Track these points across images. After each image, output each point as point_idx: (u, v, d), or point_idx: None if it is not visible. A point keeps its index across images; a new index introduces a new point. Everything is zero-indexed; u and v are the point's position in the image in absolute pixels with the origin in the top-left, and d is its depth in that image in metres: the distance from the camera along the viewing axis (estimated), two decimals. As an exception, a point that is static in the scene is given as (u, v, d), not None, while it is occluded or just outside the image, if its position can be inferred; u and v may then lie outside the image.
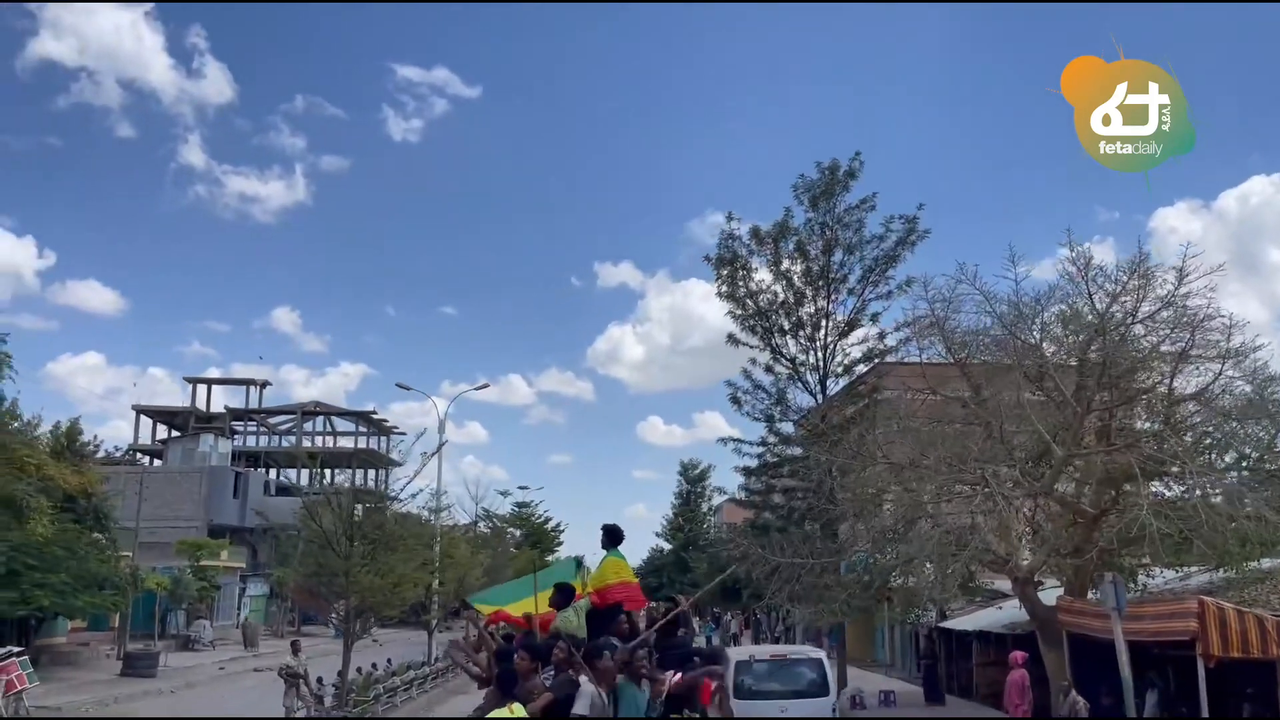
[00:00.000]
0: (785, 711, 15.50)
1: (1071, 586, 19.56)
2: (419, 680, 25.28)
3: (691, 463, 72.09)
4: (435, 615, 29.75)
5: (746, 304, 25.24)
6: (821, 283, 24.88)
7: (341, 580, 19.23)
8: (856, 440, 22.36)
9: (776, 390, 25.09)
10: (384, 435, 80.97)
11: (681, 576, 63.61)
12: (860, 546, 23.05)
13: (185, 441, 64.59)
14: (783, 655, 16.98)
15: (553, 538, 64.66)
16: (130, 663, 31.65)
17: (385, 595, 19.40)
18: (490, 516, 55.70)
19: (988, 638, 24.89)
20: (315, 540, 19.93)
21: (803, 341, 25.16)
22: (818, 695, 15.83)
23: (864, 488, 21.08)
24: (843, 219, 24.98)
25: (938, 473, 18.90)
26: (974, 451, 18.56)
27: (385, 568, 19.47)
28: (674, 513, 71.08)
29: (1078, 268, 17.90)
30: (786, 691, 15.90)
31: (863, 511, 22.28)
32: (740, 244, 25.46)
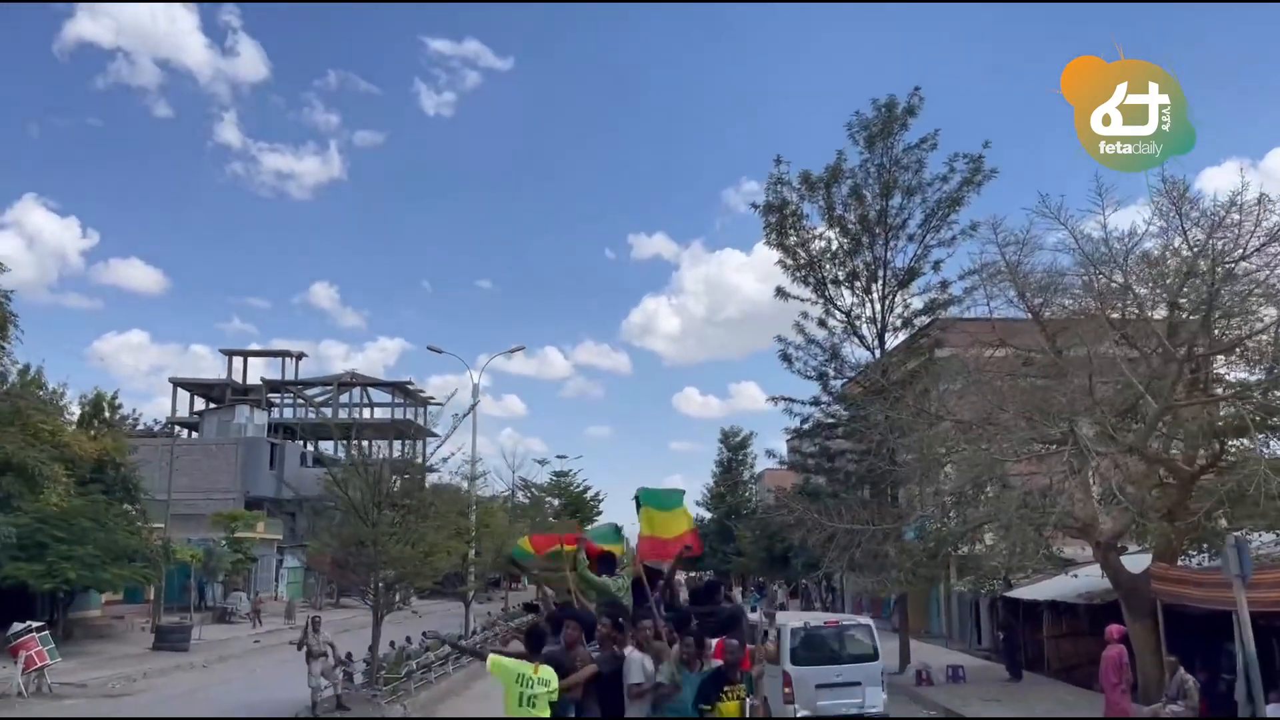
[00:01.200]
0: (840, 676, 16.02)
1: (1161, 552, 17.88)
2: (455, 655, 24.04)
3: (733, 430, 70.53)
4: (472, 586, 28.52)
5: (797, 254, 23.54)
6: (879, 229, 23.11)
7: (371, 550, 17.97)
8: (919, 396, 20.71)
9: (831, 345, 23.39)
10: (420, 406, 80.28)
11: (725, 545, 62.25)
12: (924, 511, 21.44)
13: (221, 413, 64.10)
14: (835, 622, 17.37)
15: (592, 506, 63.49)
16: (162, 636, 30.86)
17: (416, 565, 18.12)
18: (528, 486, 54.58)
19: (1060, 608, 23.21)
20: (343, 509, 18.67)
21: (858, 293, 23.44)
22: (869, 661, 16.42)
23: (929, 447, 19.45)
24: (901, 160, 23.15)
25: (1013, 430, 17.23)
26: (1057, 405, 16.83)
27: (416, 536, 18.17)
28: (715, 481, 69.64)
29: (1171, 200, 15.95)
30: (842, 656, 16.41)
31: (927, 473, 20.66)
32: (790, 189, 23.70)
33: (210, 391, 72.54)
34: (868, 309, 23.39)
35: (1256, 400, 15.63)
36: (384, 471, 18.52)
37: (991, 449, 18.03)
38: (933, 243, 22.93)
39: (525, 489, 53.64)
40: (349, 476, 18.49)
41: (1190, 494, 16.95)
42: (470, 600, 28.52)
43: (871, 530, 19.75)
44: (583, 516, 59.93)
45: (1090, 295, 17.42)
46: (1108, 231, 16.36)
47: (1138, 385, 16.18)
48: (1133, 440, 16.13)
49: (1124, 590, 17.95)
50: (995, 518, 18.91)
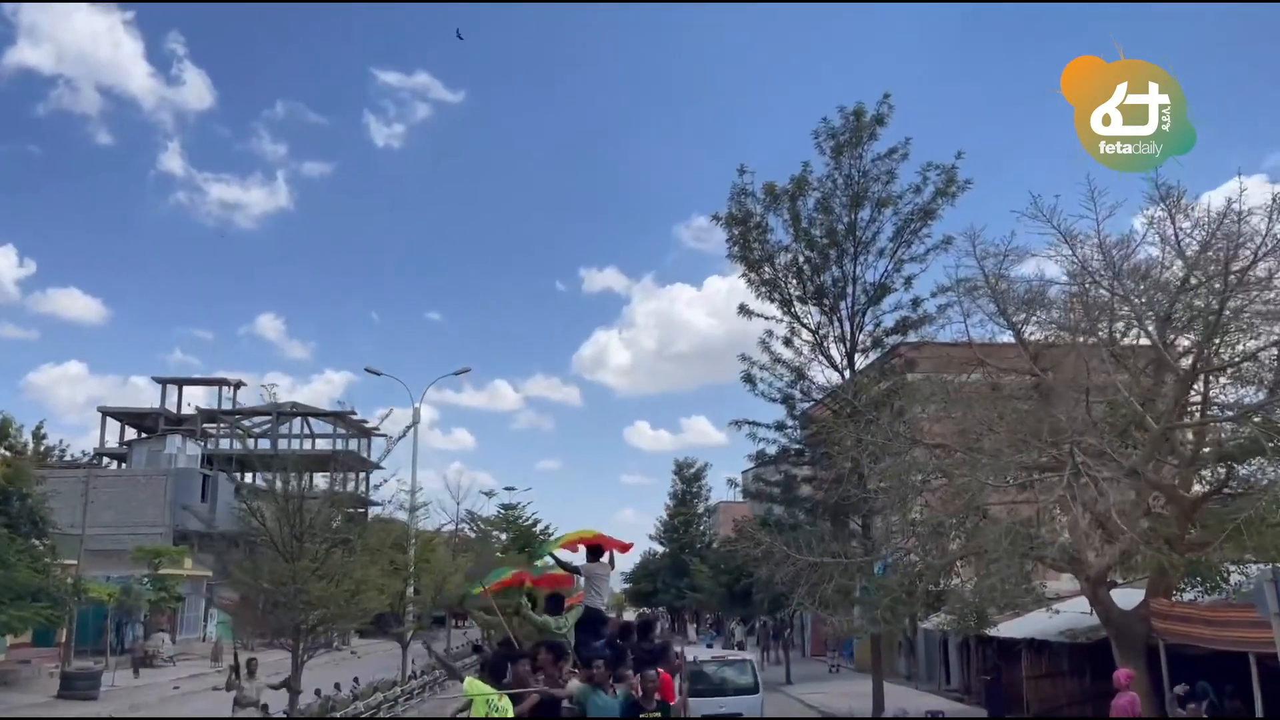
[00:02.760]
0: (723, 708, 18.05)
1: (1155, 587, 16.55)
2: (390, 702, 21.93)
3: (686, 461, 68.85)
4: (411, 626, 26.36)
5: (762, 269, 22.07)
6: (848, 242, 21.74)
7: (289, 588, 15.97)
8: (893, 419, 19.30)
9: (797, 365, 21.91)
10: (364, 437, 77.84)
11: (678, 581, 60.35)
12: (899, 543, 19.91)
13: (151, 443, 60.92)
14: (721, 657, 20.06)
15: (541, 541, 61.17)
16: (68, 683, 28.24)
17: (341, 605, 16.12)
18: (474, 519, 52.31)
19: (1039, 647, 21.80)
20: (259, 541, 16.67)
21: (826, 311, 22.01)
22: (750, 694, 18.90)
23: (905, 474, 17.97)
24: (870, 171, 21.84)
25: (1000, 455, 15.83)
26: (1050, 427, 15.45)
27: (341, 572, 16.21)
28: (669, 514, 67.81)
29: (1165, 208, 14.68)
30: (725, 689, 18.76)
31: (902, 502, 19.17)
32: (754, 200, 22.27)
33: (142, 421, 69.30)
34: (836, 328, 21.98)
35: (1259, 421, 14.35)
36: (304, 500, 16.56)
37: (974, 476, 16.60)
38: (905, 257, 21.65)
39: (471, 522, 51.32)
40: (265, 506, 16.51)
41: (1190, 523, 15.67)
42: (409, 641, 26.33)
43: (844, 564, 18.21)
44: (532, 551, 57.70)
45: (1079, 307, 16.19)
46: (1101, 237, 15.10)
47: (1135, 405, 14.88)
48: (1134, 463, 14.77)
49: (1115, 628, 16.56)
50: (977, 551, 17.52)
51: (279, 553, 16.06)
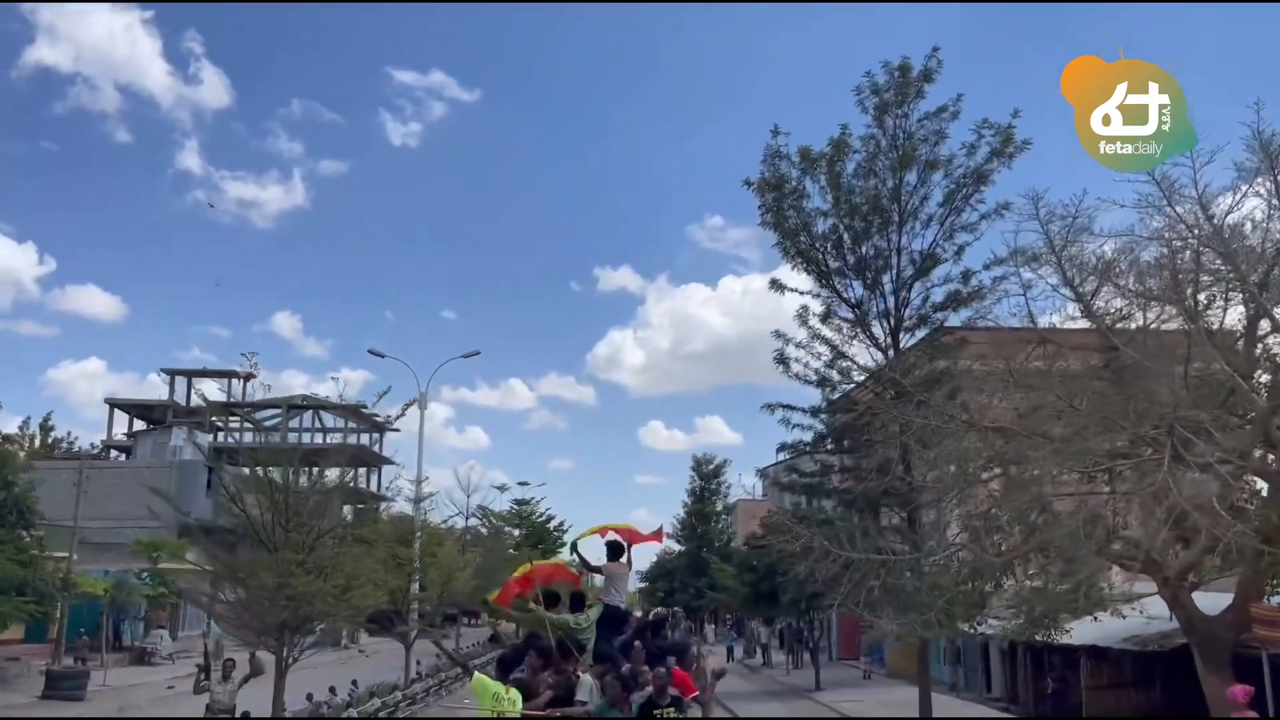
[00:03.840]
0: None
1: (1246, 588, 14.60)
2: (389, 708, 20.15)
3: (705, 458, 67.12)
4: (416, 625, 24.55)
5: (798, 238, 20.16)
6: (892, 209, 19.82)
7: (270, 582, 14.19)
8: (946, 399, 17.38)
9: (837, 343, 20.00)
10: (376, 431, 76.40)
11: (695, 580, 58.49)
12: (950, 538, 17.96)
13: (156, 435, 59.55)
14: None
15: (555, 537, 59.39)
16: (53, 683, 26.57)
17: (329, 601, 14.31)
18: (487, 514, 50.53)
19: (1100, 655, 19.84)
20: (240, 531, 14.91)
21: (868, 284, 20.10)
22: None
23: (962, 461, 16.03)
24: (917, 132, 19.91)
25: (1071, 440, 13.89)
26: (1136, 408, 13.50)
27: (330, 565, 14.43)
28: (686, 512, 65.97)
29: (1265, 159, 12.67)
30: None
31: (959, 493, 17.23)
32: (789, 164, 20.36)
33: (150, 413, 67.92)
34: (879, 303, 20.07)
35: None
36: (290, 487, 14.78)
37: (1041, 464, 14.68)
38: (956, 226, 19.69)
39: (483, 518, 49.55)
40: (247, 491, 14.76)
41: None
42: (413, 640, 24.52)
43: (892, 561, 16.31)
44: (545, 548, 55.93)
45: (1166, 272, 14.22)
46: (1200, 189, 13.10)
47: (1239, 380, 12.91)
48: (1236, 446, 12.79)
49: (1199, 636, 14.60)
50: (1042, 547, 15.58)
51: (261, 543, 14.30)
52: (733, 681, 33.66)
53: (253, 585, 14.27)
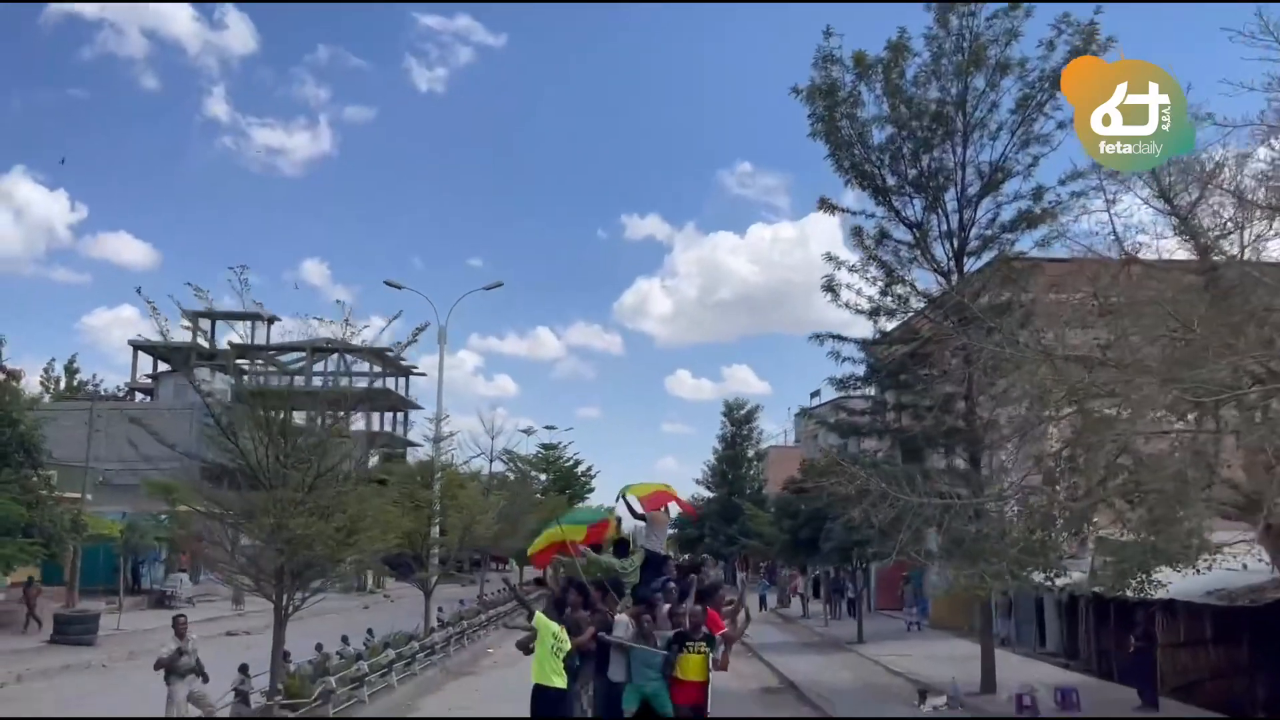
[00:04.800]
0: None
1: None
2: (405, 659, 18.81)
3: (737, 402, 65.44)
4: (435, 571, 23.18)
5: (852, 150, 18.19)
6: (957, 117, 17.77)
7: (269, 523, 12.70)
8: (1020, 325, 15.56)
9: (894, 264, 18.10)
10: (403, 376, 75.50)
11: (726, 527, 57.18)
12: (1017, 478, 16.17)
13: (178, 377, 58.61)
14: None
15: (583, 483, 58.12)
16: (61, 627, 25.58)
17: (330, 546, 12.81)
18: (513, 459, 49.28)
19: (1178, 610, 18.08)
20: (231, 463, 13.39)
21: (928, 199, 18.13)
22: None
23: (1038, 394, 14.20)
24: (985, 32, 17.76)
25: (1187, 366, 12.03)
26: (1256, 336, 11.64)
27: (332, 504, 12.91)
28: (716, 459, 64.50)
29: None
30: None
31: (1031, 430, 15.42)
32: (842, 69, 18.30)
33: (173, 355, 67.13)
34: (940, 223, 18.11)
35: None
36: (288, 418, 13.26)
37: (1130, 398, 12.89)
38: (1029, 135, 17.60)
39: (508, 461, 48.31)
40: (241, 421, 13.24)
41: None
42: (432, 587, 23.19)
43: (958, 505, 14.64)
44: (573, 493, 54.73)
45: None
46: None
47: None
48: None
49: (1309, 591, 12.85)
50: (1128, 491, 13.81)
51: (256, 478, 12.81)
52: (768, 632, 32.30)
53: (247, 527, 12.82)
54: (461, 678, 20.68)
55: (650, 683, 9.60)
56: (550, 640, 9.44)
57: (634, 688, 9.69)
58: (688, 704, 9.54)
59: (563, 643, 9.47)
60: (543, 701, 9.48)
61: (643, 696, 9.64)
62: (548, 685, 9.44)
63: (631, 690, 9.69)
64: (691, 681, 9.55)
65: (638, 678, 9.66)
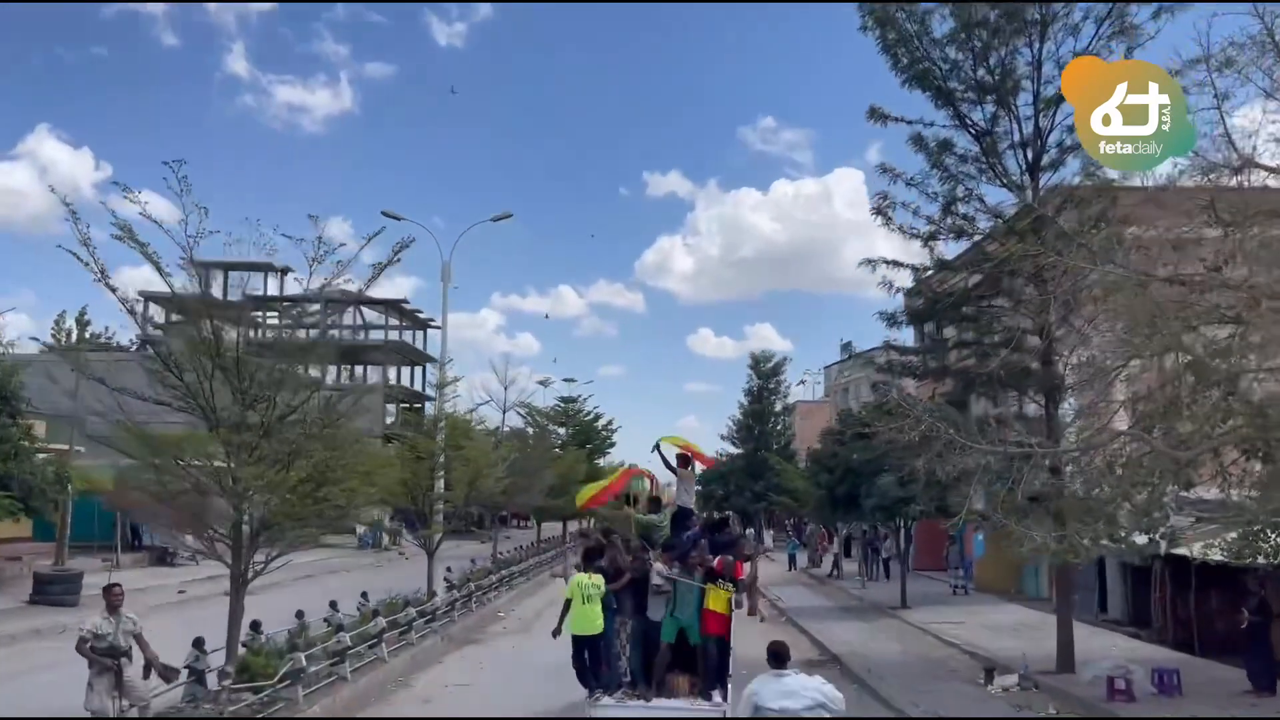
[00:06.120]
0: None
1: None
2: (401, 627, 16.77)
3: (764, 355, 63.02)
4: (437, 529, 21.12)
5: (912, 45, 15.62)
6: (1033, 4, 15.15)
7: (225, 474, 10.56)
8: (1108, 247, 13.06)
9: (961, 175, 15.59)
10: (419, 329, 73.74)
11: (752, 483, 55.11)
12: (1102, 424, 13.76)
13: (187, 328, 56.78)
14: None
15: (604, 437, 55.95)
16: (41, 587, 23.83)
17: (294, 502, 10.66)
18: (531, 412, 47.19)
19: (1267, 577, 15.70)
20: (177, 404, 11.25)
21: (998, 103, 15.57)
22: None
23: (1151, 320, 11.78)
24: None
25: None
26: None
27: (296, 450, 10.74)
28: (742, 413, 62.22)
29: None
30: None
31: (1125, 367, 13.02)
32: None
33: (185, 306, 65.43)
34: (1013, 132, 15.56)
35: None
36: (241, 334, 11.14)
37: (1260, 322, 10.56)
38: (1121, 24, 14.96)
39: (526, 414, 46.20)
40: (193, 355, 11.08)
41: None
42: (436, 546, 21.11)
43: (1039, 454, 12.36)
44: (594, 447, 52.67)
45: None
46: None
47: None
48: None
49: None
50: (1251, 440, 11.44)
51: (203, 418, 10.67)
52: (801, 594, 30.18)
53: (189, 475, 10.70)
54: (465, 646, 18.63)
55: (686, 615, 10.79)
56: (580, 594, 10.44)
57: (672, 620, 10.86)
58: (714, 633, 10.69)
59: (591, 589, 10.49)
60: (583, 647, 10.62)
61: (679, 628, 10.84)
62: (584, 635, 10.53)
63: (670, 622, 10.87)
64: (718, 613, 10.70)
65: (678, 611, 10.84)
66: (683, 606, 10.82)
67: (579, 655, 10.65)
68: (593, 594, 10.42)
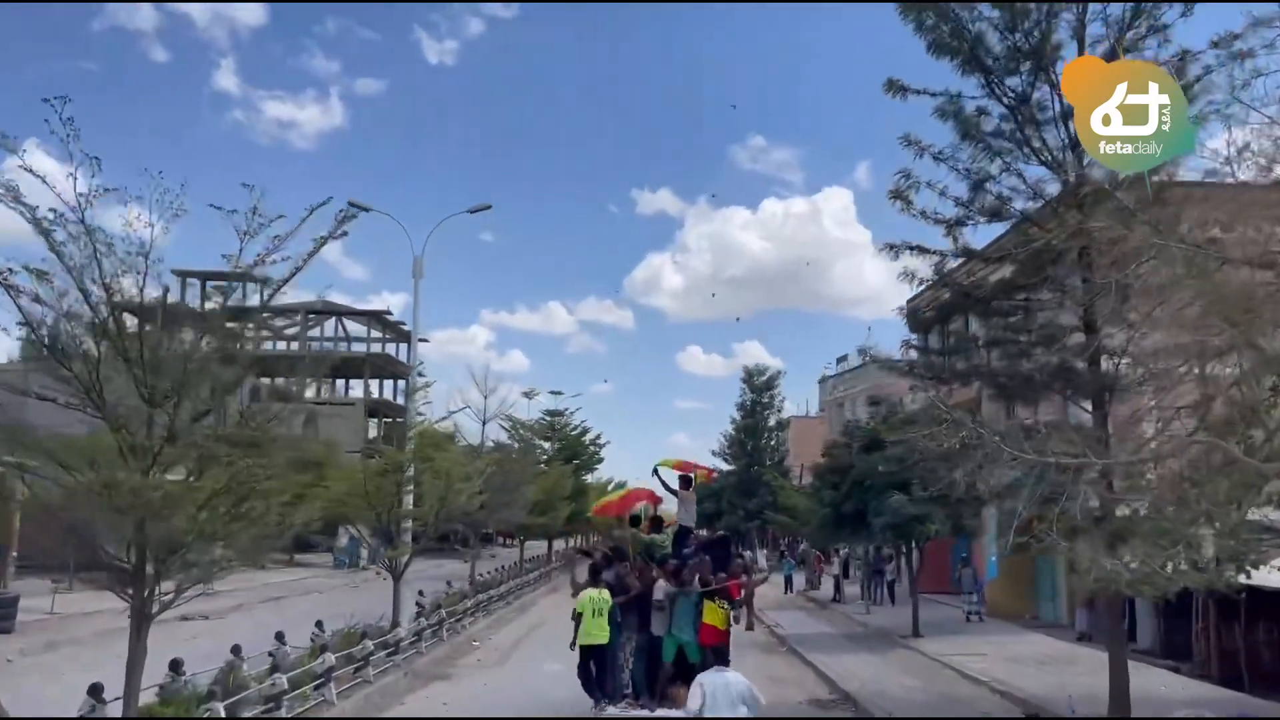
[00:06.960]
0: None
1: None
2: (358, 663, 14.75)
3: (757, 369, 61.26)
4: (404, 550, 19.04)
5: (947, 8, 13.82)
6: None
7: (126, 490, 8.61)
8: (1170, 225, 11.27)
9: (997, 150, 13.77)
10: (401, 340, 72.00)
11: (745, 501, 53.22)
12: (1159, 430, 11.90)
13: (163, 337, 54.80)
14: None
15: (592, 453, 53.90)
16: (-29, 611, 21.76)
17: (209, 519, 8.71)
18: (515, 425, 45.19)
19: None
20: (66, 401, 9.28)
21: (1035, 70, 13.79)
22: None
23: (1228, 307, 9.98)
24: None
25: None
26: None
27: (207, 455, 8.79)
28: (735, 429, 60.36)
29: None
30: None
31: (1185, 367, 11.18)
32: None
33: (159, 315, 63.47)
34: (1053, 103, 13.77)
35: None
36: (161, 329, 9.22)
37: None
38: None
39: (510, 427, 44.22)
40: (75, 333, 9.12)
41: None
42: (403, 571, 19.04)
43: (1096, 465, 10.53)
44: (581, 463, 50.68)
45: None
46: None
47: None
48: None
49: None
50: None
51: (119, 434, 8.73)
52: (803, 620, 28.10)
53: (70, 488, 8.76)
54: (432, 683, 16.57)
55: (685, 634, 11.31)
56: (591, 608, 11.31)
57: (672, 639, 11.41)
58: (711, 644, 11.05)
59: (604, 602, 11.39)
60: (589, 656, 11.48)
61: (679, 645, 11.35)
62: (592, 644, 11.38)
63: (670, 641, 11.43)
64: (715, 627, 11.24)
65: (676, 630, 11.38)
66: (681, 625, 11.37)
67: (585, 665, 11.47)
68: (602, 607, 11.30)
